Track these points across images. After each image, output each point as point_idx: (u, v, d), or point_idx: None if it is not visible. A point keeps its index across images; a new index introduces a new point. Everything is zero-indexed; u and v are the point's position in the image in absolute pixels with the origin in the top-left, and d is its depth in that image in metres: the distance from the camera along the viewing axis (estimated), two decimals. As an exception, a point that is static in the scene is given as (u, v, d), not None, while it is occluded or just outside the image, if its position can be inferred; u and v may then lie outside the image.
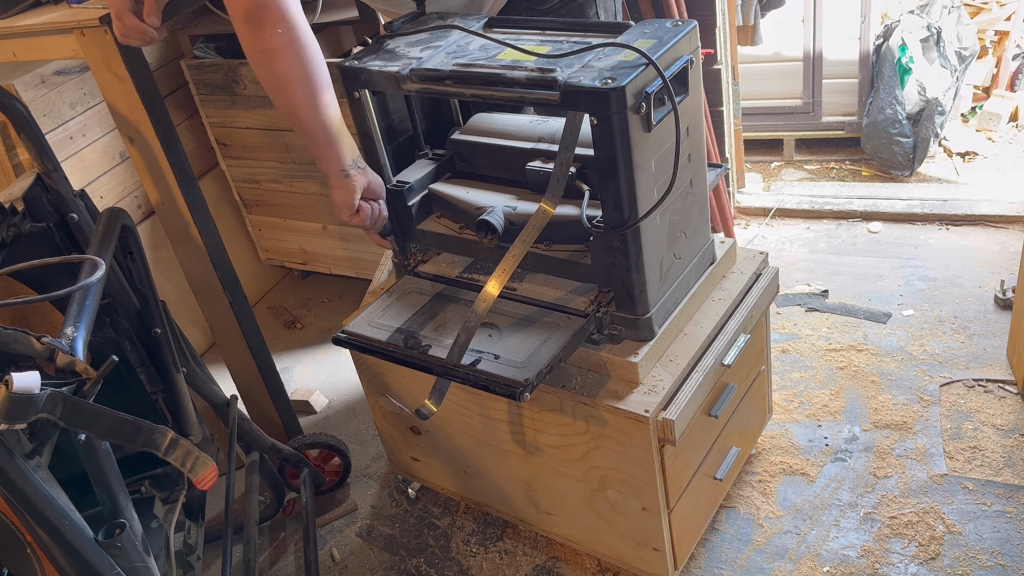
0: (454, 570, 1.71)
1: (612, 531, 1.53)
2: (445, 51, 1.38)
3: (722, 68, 2.38)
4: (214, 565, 1.81)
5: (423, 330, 1.44)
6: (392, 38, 1.47)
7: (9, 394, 0.88)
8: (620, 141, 1.20)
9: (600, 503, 1.50)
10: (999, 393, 1.84)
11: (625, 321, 1.37)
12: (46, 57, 1.82)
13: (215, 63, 2.21)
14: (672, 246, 1.38)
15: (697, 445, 1.49)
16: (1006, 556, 1.52)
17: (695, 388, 1.37)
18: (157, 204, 1.68)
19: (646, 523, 1.45)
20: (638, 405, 1.33)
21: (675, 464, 1.41)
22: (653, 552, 1.49)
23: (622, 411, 1.34)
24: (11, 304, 1.00)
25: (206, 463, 1.08)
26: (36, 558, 1.05)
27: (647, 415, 1.31)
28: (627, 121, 1.18)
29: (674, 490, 1.44)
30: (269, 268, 2.72)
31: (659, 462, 1.37)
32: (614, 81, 1.16)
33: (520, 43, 1.33)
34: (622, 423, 1.35)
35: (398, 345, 1.41)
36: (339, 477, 1.94)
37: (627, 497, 1.45)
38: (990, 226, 2.36)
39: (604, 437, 1.40)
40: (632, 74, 1.17)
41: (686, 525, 1.52)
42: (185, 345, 1.58)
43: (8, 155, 1.94)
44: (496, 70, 1.27)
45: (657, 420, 1.32)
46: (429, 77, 1.32)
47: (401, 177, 1.55)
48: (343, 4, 2.16)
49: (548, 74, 1.22)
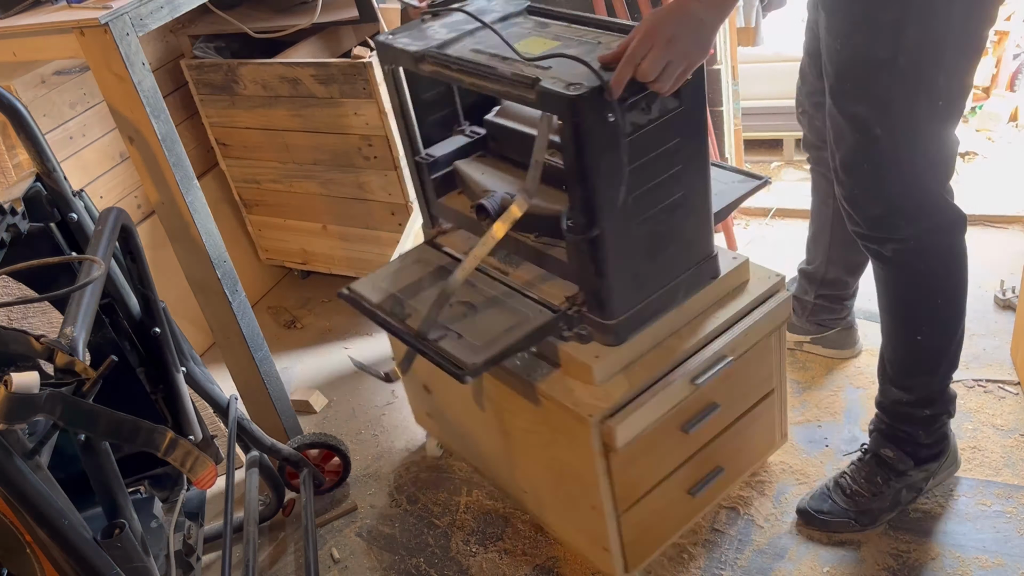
0: (454, 570, 1.71)
1: (571, 522, 1.56)
2: (471, 35, 1.39)
3: (722, 68, 2.38)
4: (214, 565, 1.81)
5: (413, 299, 1.46)
6: (434, 16, 1.49)
7: (9, 394, 0.88)
8: (582, 146, 1.19)
9: (562, 493, 1.52)
10: (999, 393, 1.84)
11: (594, 323, 1.37)
12: (46, 57, 1.83)
13: (215, 63, 2.21)
14: (653, 256, 1.36)
15: (663, 458, 1.47)
16: (1006, 556, 1.52)
17: (654, 401, 1.35)
18: (157, 204, 1.68)
19: (595, 521, 1.46)
20: (584, 406, 1.33)
21: (628, 471, 1.40)
22: (603, 551, 1.49)
23: (568, 409, 1.34)
24: (11, 304, 1.00)
25: (206, 463, 1.08)
26: (36, 558, 1.05)
27: (590, 418, 1.31)
28: (589, 127, 1.16)
29: (626, 495, 1.42)
30: (269, 268, 2.72)
31: (604, 466, 1.37)
32: (579, 88, 1.14)
33: (545, 35, 1.34)
34: (568, 420, 1.36)
35: (385, 309, 1.45)
36: (339, 477, 1.94)
37: (579, 493, 1.46)
38: (990, 226, 2.36)
39: (559, 431, 1.41)
40: (598, 82, 1.15)
41: (643, 531, 1.50)
42: (185, 345, 1.58)
43: (8, 155, 1.94)
44: (488, 63, 1.27)
45: (600, 424, 1.32)
46: (436, 60, 1.34)
47: (431, 151, 1.58)
48: (343, 4, 2.16)
49: (527, 73, 1.21)
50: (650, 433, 1.39)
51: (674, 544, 1.66)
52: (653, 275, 1.38)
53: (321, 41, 2.28)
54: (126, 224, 1.37)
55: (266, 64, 2.13)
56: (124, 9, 1.48)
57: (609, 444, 1.33)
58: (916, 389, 1.52)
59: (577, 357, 1.37)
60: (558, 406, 1.36)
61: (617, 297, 1.33)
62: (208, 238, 1.70)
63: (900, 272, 1.43)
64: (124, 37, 1.48)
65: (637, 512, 1.46)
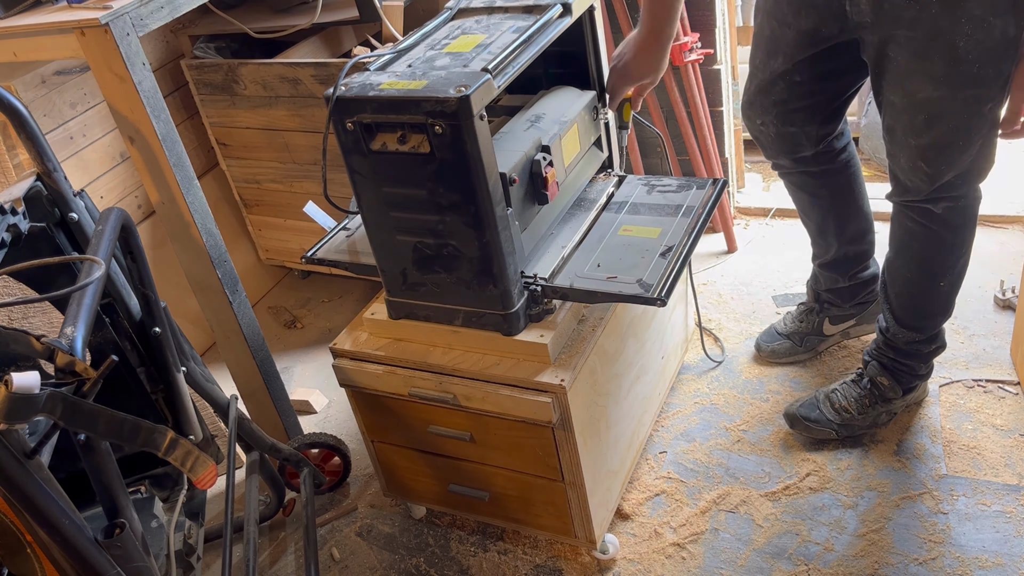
0: (454, 570, 1.71)
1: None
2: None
3: (722, 68, 2.38)
4: (214, 565, 1.81)
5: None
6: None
7: (9, 394, 0.88)
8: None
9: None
10: (999, 393, 1.84)
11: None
12: (46, 57, 1.82)
13: (215, 63, 2.21)
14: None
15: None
16: (1006, 556, 1.52)
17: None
18: (157, 204, 1.68)
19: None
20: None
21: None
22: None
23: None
24: (11, 304, 1.00)
25: (206, 463, 1.08)
26: (36, 558, 1.05)
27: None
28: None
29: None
30: (269, 268, 2.72)
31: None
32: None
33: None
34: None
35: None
36: (339, 477, 1.94)
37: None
38: (989, 226, 2.36)
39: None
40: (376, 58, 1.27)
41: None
42: (186, 345, 1.58)
43: (8, 155, 1.94)
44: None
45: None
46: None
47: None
48: (343, 4, 2.16)
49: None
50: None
51: (674, 544, 1.66)
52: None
53: (321, 41, 2.28)
54: (126, 224, 1.37)
55: (266, 64, 2.13)
56: (124, 9, 1.48)
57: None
58: (928, 328, 1.71)
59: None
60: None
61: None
62: (208, 238, 1.70)
63: (943, 227, 1.58)
64: (124, 37, 1.48)
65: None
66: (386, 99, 1.23)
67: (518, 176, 1.36)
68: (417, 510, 1.83)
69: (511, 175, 1.33)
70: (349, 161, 1.33)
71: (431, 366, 1.48)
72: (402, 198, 1.33)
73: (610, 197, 1.67)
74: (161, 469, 1.50)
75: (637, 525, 1.71)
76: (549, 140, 1.44)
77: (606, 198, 1.66)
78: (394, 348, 1.53)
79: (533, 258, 1.49)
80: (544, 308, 1.45)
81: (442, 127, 1.20)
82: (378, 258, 1.45)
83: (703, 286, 2.35)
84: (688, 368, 2.08)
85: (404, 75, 1.28)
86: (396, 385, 1.52)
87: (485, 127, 1.22)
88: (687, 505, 1.73)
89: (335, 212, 1.61)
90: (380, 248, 1.43)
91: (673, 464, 1.83)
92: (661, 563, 1.63)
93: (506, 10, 1.49)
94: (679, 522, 1.70)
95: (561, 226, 1.58)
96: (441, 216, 1.32)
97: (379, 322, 1.54)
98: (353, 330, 1.60)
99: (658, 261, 1.44)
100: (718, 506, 1.72)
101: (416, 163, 1.27)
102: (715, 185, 1.64)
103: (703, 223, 1.54)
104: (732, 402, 1.95)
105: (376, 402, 1.60)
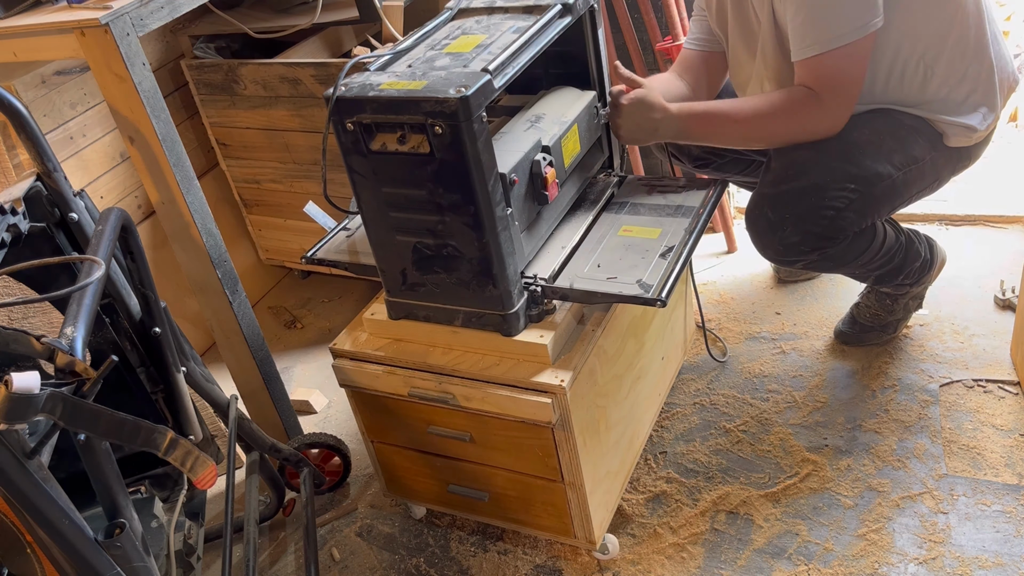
0: (454, 570, 1.71)
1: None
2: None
3: (722, 68, 2.38)
4: (214, 565, 1.81)
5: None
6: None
7: (9, 394, 0.88)
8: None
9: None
10: (999, 393, 1.84)
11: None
12: (46, 57, 1.82)
13: (215, 63, 2.21)
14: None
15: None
16: (1006, 556, 1.52)
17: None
18: (157, 204, 1.68)
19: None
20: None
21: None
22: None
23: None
24: (11, 304, 1.00)
25: (206, 463, 1.08)
26: (36, 558, 1.05)
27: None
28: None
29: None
30: (269, 268, 2.72)
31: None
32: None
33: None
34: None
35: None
36: (339, 477, 1.94)
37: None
38: (990, 226, 2.36)
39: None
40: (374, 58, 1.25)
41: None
42: (186, 345, 1.58)
43: (8, 155, 1.94)
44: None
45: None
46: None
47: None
48: (343, 4, 2.16)
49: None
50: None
51: (674, 544, 1.66)
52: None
53: (321, 41, 2.28)
54: (126, 224, 1.37)
55: (266, 64, 2.13)
56: (124, 9, 1.48)
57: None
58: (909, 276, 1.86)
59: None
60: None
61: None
62: (208, 238, 1.70)
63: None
64: (124, 37, 1.48)
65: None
66: (386, 99, 1.23)
67: (518, 176, 1.36)
68: (417, 510, 1.83)
69: (511, 175, 1.33)
70: (349, 161, 1.33)
71: (431, 366, 1.48)
72: (402, 198, 1.33)
73: (610, 197, 1.67)
74: (161, 469, 1.50)
75: (637, 525, 1.72)
76: (549, 140, 1.44)
77: (606, 198, 1.66)
78: (394, 348, 1.53)
79: (533, 258, 1.49)
80: (544, 308, 1.45)
81: (442, 127, 1.20)
82: (378, 258, 1.46)
83: (703, 286, 2.35)
84: (688, 368, 2.08)
85: (404, 75, 1.28)
86: (396, 385, 1.52)
87: (485, 127, 1.22)
88: (687, 505, 1.73)
89: (335, 212, 1.61)
90: (380, 248, 1.43)
91: (673, 464, 1.83)
92: (661, 563, 1.63)
93: (506, 10, 1.49)
94: (679, 522, 1.70)
95: (561, 226, 1.58)
96: (441, 216, 1.32)
97: (379, 322, 1.54)
98: (353, 330, 1.60)
99: (658, 262, 1.44)
100: (718, 506, 1.72)
101: (416, 163, 1.27)
102: (715, 185, 1.64)
103: (703, 223, 1.54)
104: (732, 402, 1.95)
105: (376, 402, 1.60)
